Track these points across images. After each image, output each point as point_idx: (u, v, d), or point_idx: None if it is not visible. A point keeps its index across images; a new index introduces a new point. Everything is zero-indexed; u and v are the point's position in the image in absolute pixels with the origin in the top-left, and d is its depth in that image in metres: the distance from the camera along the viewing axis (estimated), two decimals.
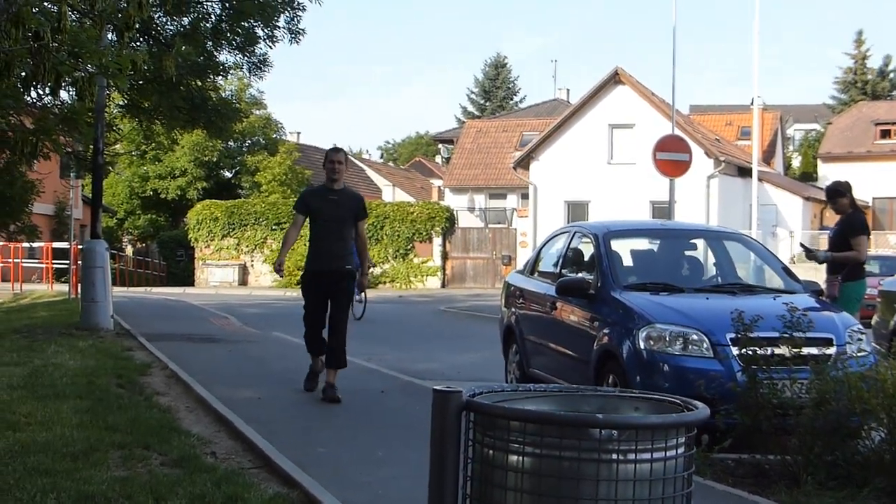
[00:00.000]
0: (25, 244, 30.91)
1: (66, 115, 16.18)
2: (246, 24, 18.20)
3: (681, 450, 2.21)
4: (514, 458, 2.22)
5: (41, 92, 12.18)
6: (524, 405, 2.39)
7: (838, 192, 11.06)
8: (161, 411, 8.61)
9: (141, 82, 17.21)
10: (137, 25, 12.18)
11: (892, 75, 74.26)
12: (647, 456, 2.15)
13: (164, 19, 17.60)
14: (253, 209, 43.89)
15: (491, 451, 2.26)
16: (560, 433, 2.19)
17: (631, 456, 2.16)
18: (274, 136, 59.80)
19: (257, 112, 57.36)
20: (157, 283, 44.55)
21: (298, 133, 69.80)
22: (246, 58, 18.99)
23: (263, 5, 17.90)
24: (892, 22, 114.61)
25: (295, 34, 18.62)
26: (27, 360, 11.19)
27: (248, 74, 20.72)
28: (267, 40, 18.59)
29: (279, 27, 18.49)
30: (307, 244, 10.24)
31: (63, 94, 13.57)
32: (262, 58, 19.04)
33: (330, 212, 9.80)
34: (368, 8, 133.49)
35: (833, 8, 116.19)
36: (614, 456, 2.15)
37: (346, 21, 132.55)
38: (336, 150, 10.49)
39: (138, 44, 15.60)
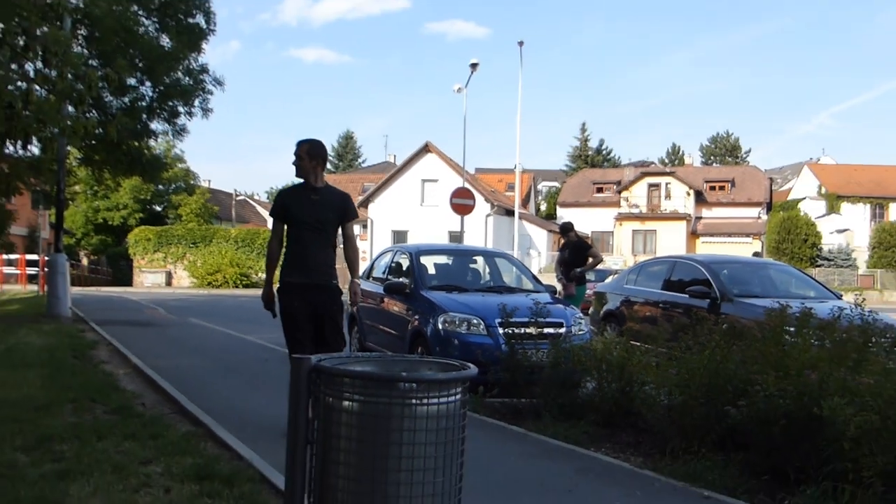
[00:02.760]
0: (5, 256, 30.10)
1: (33, 163, 15.39)
2: (171, 104, 17.60)
3: (458, 397, 2.22)
4: (346, 403, 2.19)
5: (14, 146, 11.48)
6: (355, 367, 2.35)
7: (568, 228, 11.93)
8: (105, 375, 8.09)
9: (93, 142, 16.32)
10: (90, 101, 11.61)
11: (604, 152, 77.65)
12: (435, 401, 2.16)
13: (110, 98, 16.76)
14: (176, 233, 42.59)
15: (330, 399, 2.21)
16: (377, 386, 2.17)
17: (425, 401, 2.15)
18: (191, 182, 58.96)
19: (180, 165, 55.99)
20: (105, 285, 42.34)
21: (209, 180, 68.00)
22: (171, 126, 18.31)
23: (183, 90, 17.41)
24: (605, 117, 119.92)
25: (206, 111, 18.02)
26: (3, 340, 10.38)
27: (172, 138, 20.21)
28: (186, 115, 18.01)
29: (195, 106, 17.91)
30: (284, 253, 5.72)
31: (33, 149, 12.90)
32: (182, 127, 18.37)
33: (311, 213, 5.50)
34: (265, 90, 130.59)
35: (567, 107, 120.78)
36: (414, 402, 2.14)
37: (248, 99, 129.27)
38: (300, 142, 5.57)
39: (90, 114, 14.75)
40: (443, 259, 10.32)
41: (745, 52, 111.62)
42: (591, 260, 11.79)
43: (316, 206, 5.37)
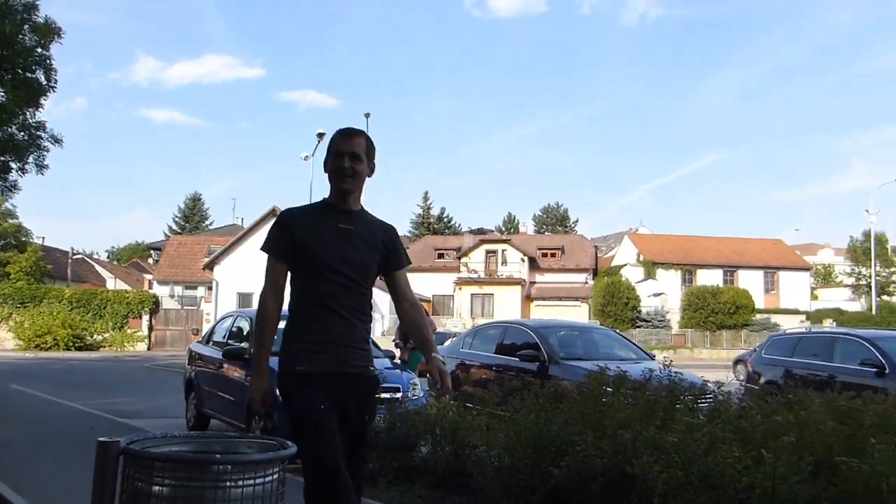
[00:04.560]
0: None
1: None
2: (2, 159, 16.40)
3: (276, 476, 2.11)
4: (156, 488, 2.02)
5: None
6: (168, 448, 2.19)
7: None
8: None
9: None
10: None
11: (445, 219, 79.40)
12: (251, 482, 2.04)
13: None
14: (2, 292, 39.13)
15: (140, 484, 2.03)
16: (189, 469, 2.02)
17: (240, 483, 2.02)
18: (23, 238, 54.51)
19: (10, 220, 51.89)
20: None
21: (43, 238, 63.04)
22: (1, 182, 17.02)
23: (17, 146, 16.30)
24: (447, 187, 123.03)
25: (41, 167, 16.89)
26: None
27: (2, 194, 18.72)
28: (18, 171, 16.82)
29: (29, 162, 16.76)
30: (288, 320, 3.06)
31: None
32: (13, 183, 17.12)
33: (343, 253, 2.95)
34: (111, 148, 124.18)
35: (411, 177, 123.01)
36: (228, 484, 2.01)
37: (92, 156, 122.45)
38: (348, 132, 3.05)
39: None
40: (283, 325, 10.02)
41: (573, 131, 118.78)
42: None
43: (350, 240, 2.95)
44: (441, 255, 57.19)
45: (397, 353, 11.36)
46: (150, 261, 73.16)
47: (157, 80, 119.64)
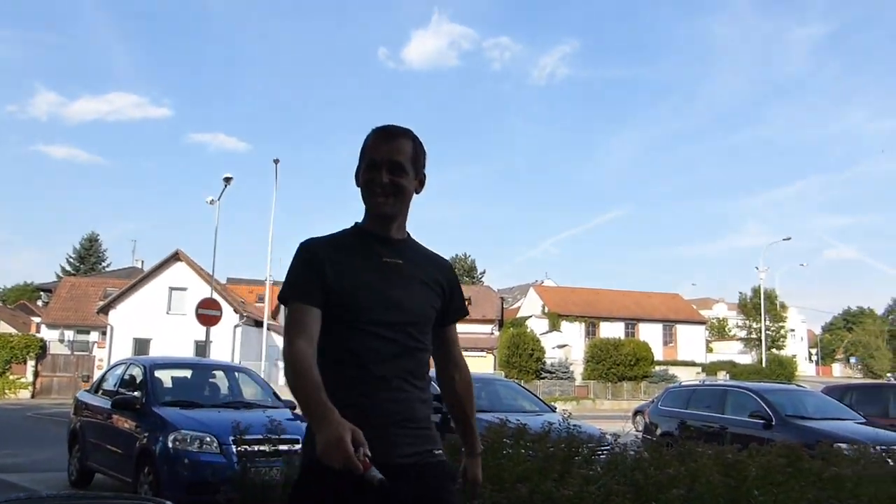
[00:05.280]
0: None
1: None
2: None
3: None
4: None
5: None
6: None
7: None
8: None
9: None
10: None
11: None
12: None
13: None
14: None
15: None
16: None
17: None
18: None
19: None
20: None
21: None
22: None
23: None
24: None
25: None
26: None
27: None
28: None
29: None
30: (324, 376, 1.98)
31: None
32: None
33: (388, 295, 2.10)
34: (1, 184, 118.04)
35: (318, 223, 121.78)
36: None
37: None
38: (387, 133, 2.18)
39: None
40: (181, 373, 9.69)
41: (483, 184, 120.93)
42: None
43: (399, 279, 2.17)
44: None
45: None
46: (40, 303, 69.58)
47: (58, 115, 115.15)
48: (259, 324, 39.90)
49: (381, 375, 2.06)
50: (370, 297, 2.08)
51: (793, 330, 72.11)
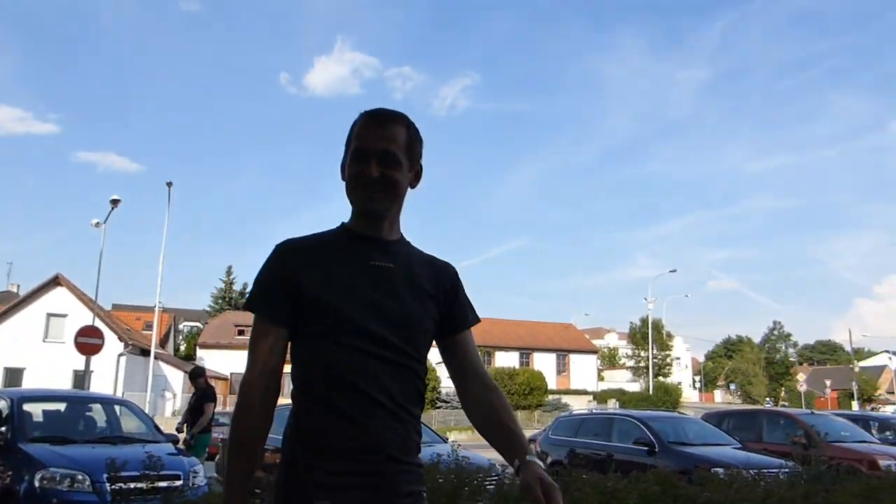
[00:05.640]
0: None
1: None
2: None
3: None
4: None
5: None
6: None
7: (197, 374, 11.19)
8: None
9: None
10: None
11: (247, 295, 77.09)
12: None
13: None
14: None
15: None
16: None
17: None
18: None
19: None
20: None
21: None
22: None
23: None
24: (252, 262, 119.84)
25: None
26: None
27: None
28: None
29: None
30: (293, 415, 1.78)
31: None
32: None
33: (379, 304, 1.78)
34: None
35: (215, 249, 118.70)
36: None
37: None
38: (379, 117, 1.88)
39: None
40: (53, 406, 9.14)
41: None
42: (205, 413, 10.76)
43: (390, 285, 1.84)
44: (241, 332, 55.16)
45: (181, 437, 10.66)
46: None
47: None
48: (146, 352, 38.29)
49: (375, 398, 1.72)
50: (356, 307, 1.76)
51: (678, 358, 75.23)
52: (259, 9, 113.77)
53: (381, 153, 1.82)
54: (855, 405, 54.07)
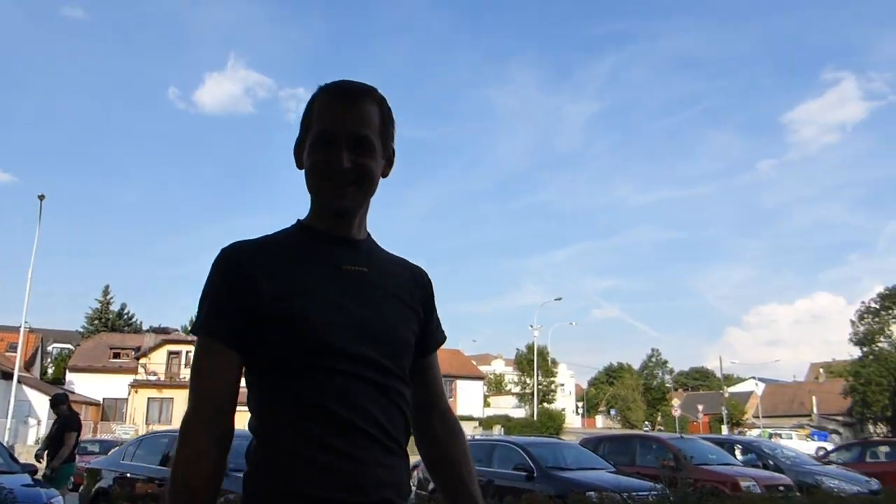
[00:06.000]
0: None
1: None
2: None
3: None
4: None
5: None
6: None
7: (59, 401, 10.49)
8: None
9: None
10: None
11: (125, 316, 73.74)
12: None
13: None
14: None
15: None
16: None
17: None
18: None
19: None
20: None
21: None
22: None
23: None
24: (131, 282, 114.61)
25: None
26: None
27: None
28: None
29: None
30: (255, 450, 1.42)
31: None
32: None
33: (354, 315, 1.45)
34: None
35: (92, 268, 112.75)
36: None
37: None
38: (346, 92, 1.54)
39: None
40: None
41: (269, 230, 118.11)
42: (66, 444, 9.87)
43: (364, 293, 1.52)
44: (117, 355, 52.65)
45: (41, 466, 10.03)
46: None
47: None
48: (8, 376, 35.86)
49: (363, 430, 1.39)
50: (328, 319, 1.43)
51: (562, 384, 77.09)
52: (147, 18, 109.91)
53: (353, 138, 1.51)
54: (724, 429, 56.87)
